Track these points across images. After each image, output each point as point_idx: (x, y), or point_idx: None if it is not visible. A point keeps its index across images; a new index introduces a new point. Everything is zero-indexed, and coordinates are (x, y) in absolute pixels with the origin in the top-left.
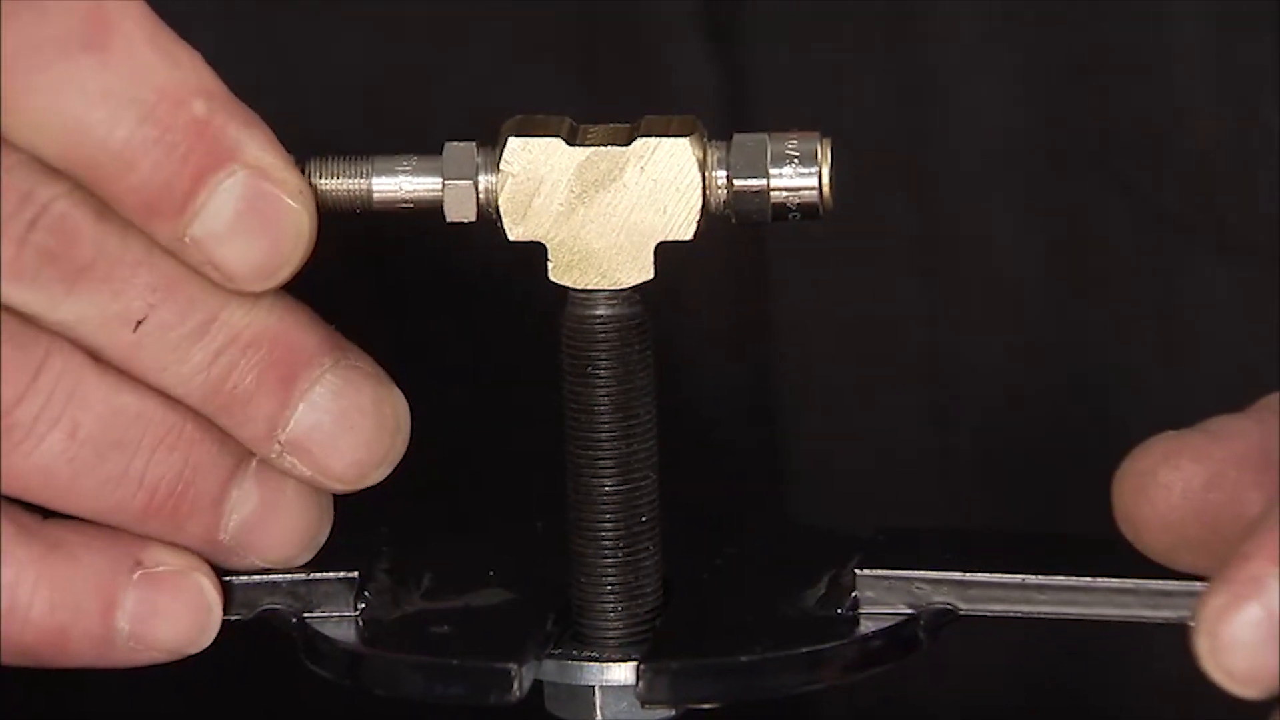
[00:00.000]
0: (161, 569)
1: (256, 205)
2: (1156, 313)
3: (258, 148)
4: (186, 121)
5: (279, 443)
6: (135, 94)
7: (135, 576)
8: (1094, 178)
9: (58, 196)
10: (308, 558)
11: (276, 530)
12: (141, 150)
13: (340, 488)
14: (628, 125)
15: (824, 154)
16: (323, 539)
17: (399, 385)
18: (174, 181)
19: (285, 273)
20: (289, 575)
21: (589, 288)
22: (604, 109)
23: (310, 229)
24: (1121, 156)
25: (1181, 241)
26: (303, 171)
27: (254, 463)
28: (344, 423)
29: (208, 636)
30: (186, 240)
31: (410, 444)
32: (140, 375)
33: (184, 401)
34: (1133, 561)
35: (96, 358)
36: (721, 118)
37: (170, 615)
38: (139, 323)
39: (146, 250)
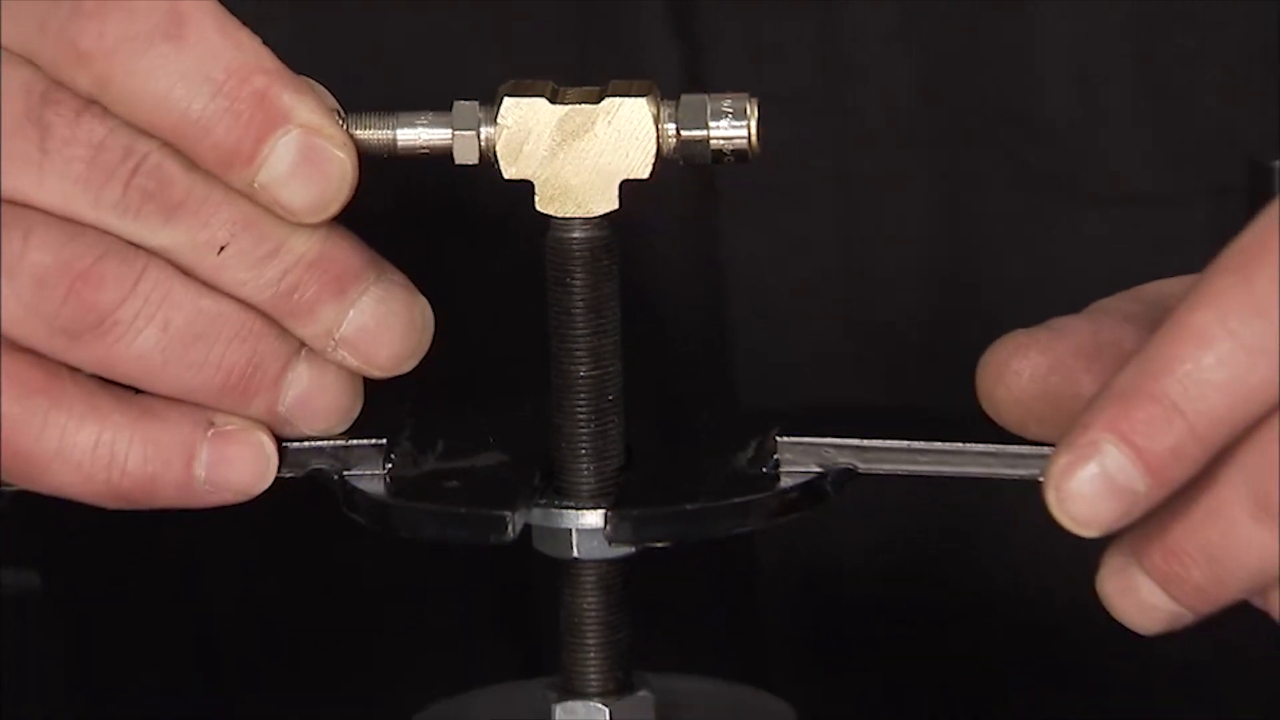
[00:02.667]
0: (230, 427)
1: (309, 156)
2: (1026, 246)
3: (308, 110)
4: (249, 93)
5: (334, 340)
6: (208, 73)
7: (210, 434)
8: (978, 140)
9: (153, 150)
10: (344, 428)
11: (321, 405)
12: (215, 117)
13: (379, 374)
14: (598, 88)
15: (752, 111)
16: (356, 413)
17: (431, 299)
18: (242, 140)
19: (335, 208)
20: (331, 442)
21: (567, 215)
22: (587, 76)
23: (353, 173)
24: (999, 123)
25: (1045, 191)
26: (342, 124)
27: (304, 352)
28: (384, 324)
29: (267, 480)
30: (256, 186)
31: (432, 341)
32: (222, 288)
33: (255, 306)
34: (995, 433)
35: (187, 274)
36: (683, 86)
37: (238, 463)
38: (222, 248)
39: (226, 193)
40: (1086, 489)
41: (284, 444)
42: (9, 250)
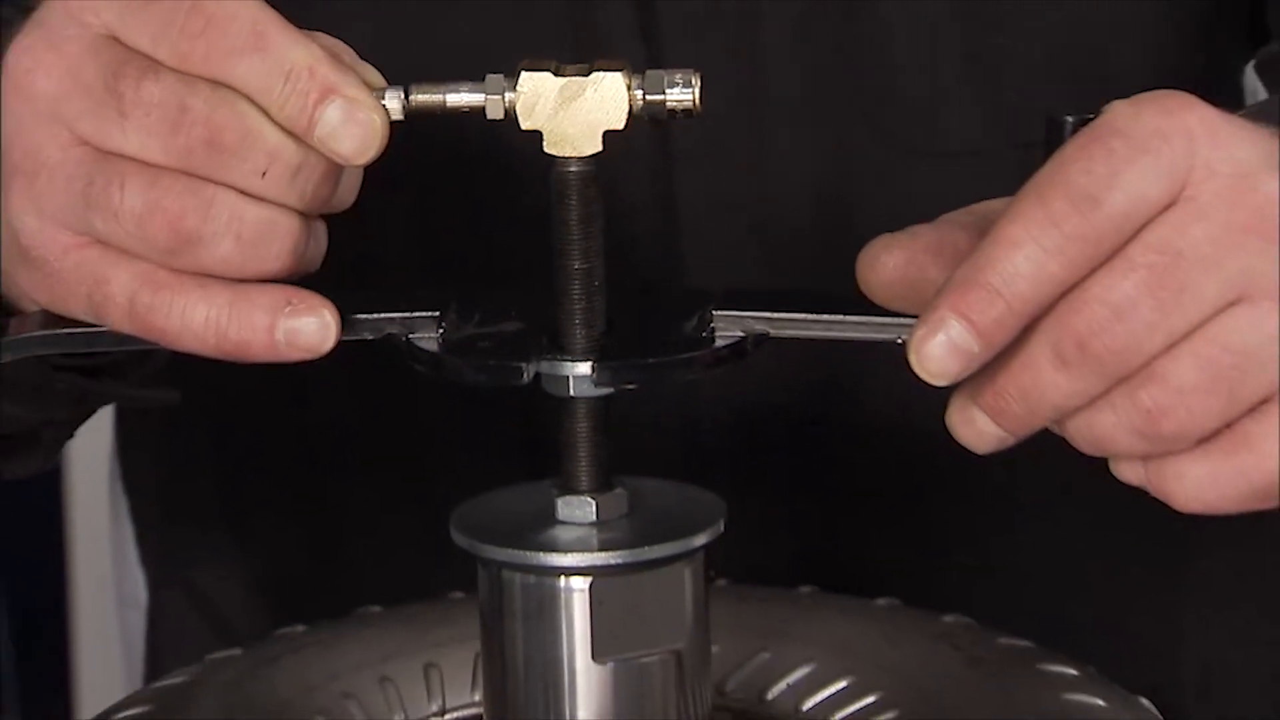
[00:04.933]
0: (302, 305)
1: (351, 116)
2: (886, 186)
3: (348, 85)
4: (308, 77)
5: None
6: (282, 69)
7: (286, 310)
8: (850, 111)
9: (200, 104)
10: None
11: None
12: (288, 95)
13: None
14: (588, 64)
15: (696, 81)
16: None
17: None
18: (304, 109)
19: (372, 152)
20: (400, 314)
21: (566, 155)
22: (577, 57)
23: (384, 128)
24: (865, 98)
25: (898, 147)
26: (409, 90)
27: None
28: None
29: (330, 342)
30: (315, 140)
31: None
32: (270, 199)
33: (295, 208)
34: (868, 307)
35: (245, 193)
36: (646, 65)
37: (306, 330)
38: (264, 173)
39: (259, 133)
40: (937, 351)
41: (364, 315)
42: (113, 199)
